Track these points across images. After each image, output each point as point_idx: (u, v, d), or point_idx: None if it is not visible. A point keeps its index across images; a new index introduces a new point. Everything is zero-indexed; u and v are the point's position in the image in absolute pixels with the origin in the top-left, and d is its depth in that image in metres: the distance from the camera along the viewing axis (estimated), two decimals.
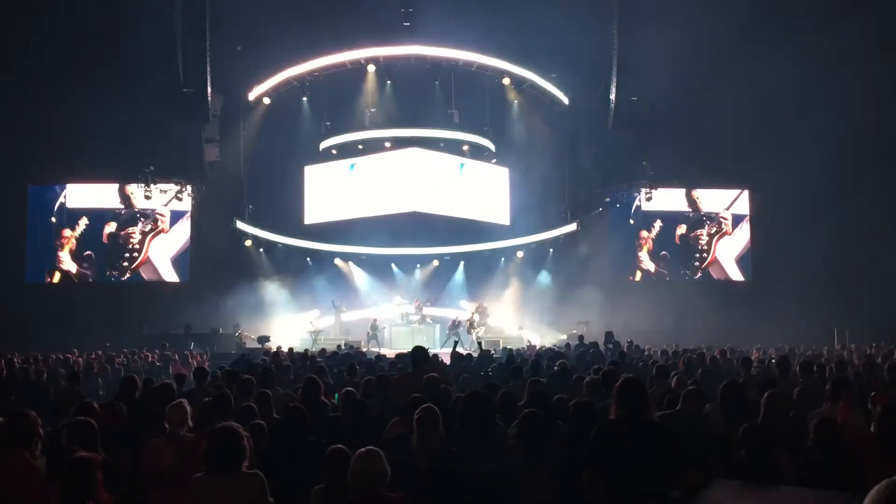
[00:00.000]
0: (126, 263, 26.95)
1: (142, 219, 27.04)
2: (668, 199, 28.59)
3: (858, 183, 25.01)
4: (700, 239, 29.58)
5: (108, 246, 26.89)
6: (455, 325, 24.84)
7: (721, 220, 29.81)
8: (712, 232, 29.70)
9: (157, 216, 27.05)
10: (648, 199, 26.58)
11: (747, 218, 29.70)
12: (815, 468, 4.58)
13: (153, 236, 27.13)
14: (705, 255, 29.58)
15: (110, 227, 27.00)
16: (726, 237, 29.79)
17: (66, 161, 24.70)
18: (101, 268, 26.88)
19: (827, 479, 4.30)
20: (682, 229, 29.53)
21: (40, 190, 26.52)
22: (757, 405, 5.63)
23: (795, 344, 19.12)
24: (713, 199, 29.91)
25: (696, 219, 29.61)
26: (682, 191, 29.24)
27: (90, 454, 3.96)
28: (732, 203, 29.91)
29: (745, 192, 29.65)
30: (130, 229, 26.99)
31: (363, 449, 4.08)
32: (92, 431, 4.93)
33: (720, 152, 26.81)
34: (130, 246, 27.06)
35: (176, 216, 27.05)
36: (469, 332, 24.00)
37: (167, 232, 27.14)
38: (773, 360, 12.38)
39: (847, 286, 24.74)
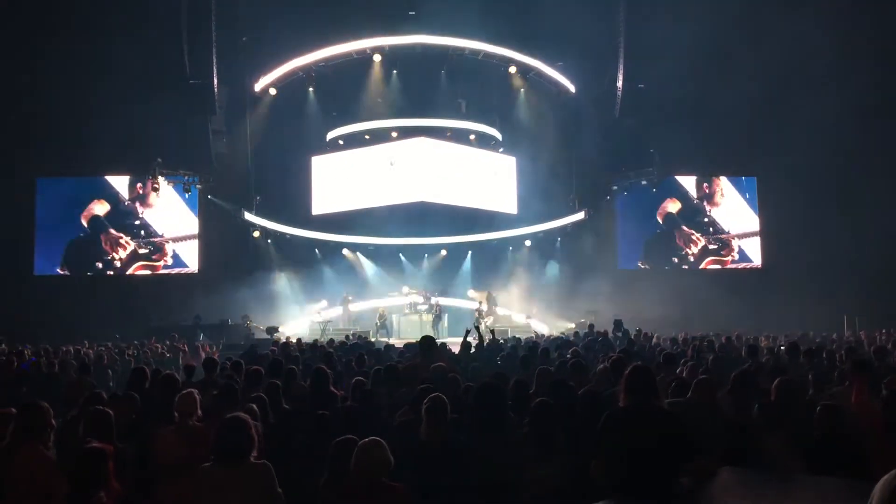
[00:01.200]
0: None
1: (142, 235, 26.27)
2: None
3: (868, 169, 24.86)
4: (691, 243, 28.60)
5: (87, 231, 26.06)
6: (438, 312, 24.88)
7: (728, 241, 28.81)
8: (710, 248, 28.70)
9: (163, 246, 26.46)
10: (655, 187, 26.49)
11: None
12: (822, 455, 4.57)
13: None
14: (684, 264, 28.66)
15: (99, 207, 25.98)
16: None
17: (74, 154, 24.77)
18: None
19: (835, 467, 4.29)
20: (672, 206, 28.57)
21: (48, 183, 26.55)
22: (767, 393, 5.62)
23: (805, 331, 19.05)
24: (731, 211, 28.88)
25: (698, 210, 28.91)
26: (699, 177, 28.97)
27: (101, 445, 3.98)
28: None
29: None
30: (123, 238, 26.17)
31: (366, 439, 4.10)
32: (108, 422, 4.96)
33: (729, 139, 26.68)
34: (110, 257, 26.01)
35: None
36: (478, 321, 23.93)
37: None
38: (783, 347, 12.35)
39: (857, 273, 24.60)
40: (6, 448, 4.40)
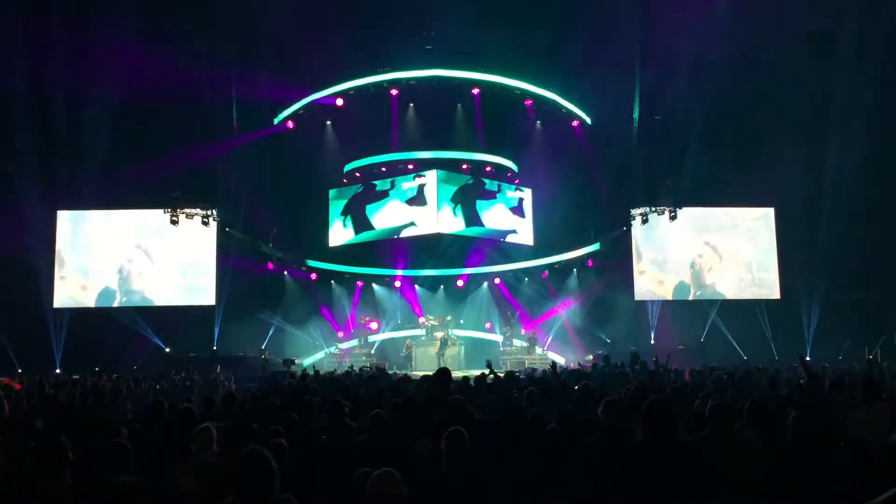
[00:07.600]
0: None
1: (156, 268, 26.68)
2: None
3: (889, 195, 24.67)
4: (708, 275, 28.13)
5: (105, 264, 26.55)
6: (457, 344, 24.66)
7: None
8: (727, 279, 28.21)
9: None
10: (673, 219, 26.23)
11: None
12: (850, 491, 4.49)
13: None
14: (703, 295, 27.81)
15: (119, 240, 26.60)
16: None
17: (93, 187, 24.96)
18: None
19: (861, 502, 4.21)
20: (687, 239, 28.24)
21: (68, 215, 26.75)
22: (786, 425, 5.54)
23: (824, 362, 18.84)
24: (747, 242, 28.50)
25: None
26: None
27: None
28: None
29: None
30: (139, 271, 26.65)
31: (379, 471, 4.07)
32: (126, 455, 4.95)
33: (745, 171, 26.54)
34: (129, 288, 26.60)
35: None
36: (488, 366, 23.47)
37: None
38: (802, 381, 12.20)
39: (878, 304, 24.31)
40: (24, 482, 4.39)
